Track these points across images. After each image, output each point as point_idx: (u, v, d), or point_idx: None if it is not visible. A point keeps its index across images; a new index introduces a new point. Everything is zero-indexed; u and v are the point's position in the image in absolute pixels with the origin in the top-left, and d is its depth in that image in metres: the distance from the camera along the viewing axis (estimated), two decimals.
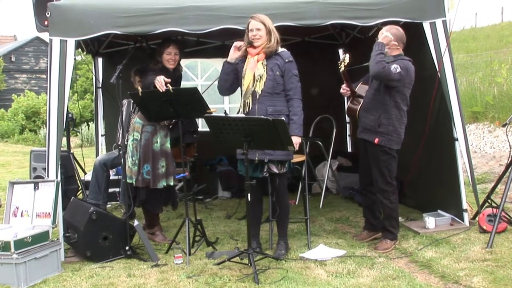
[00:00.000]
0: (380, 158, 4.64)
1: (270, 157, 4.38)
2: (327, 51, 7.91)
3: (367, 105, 4.70)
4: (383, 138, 4.60)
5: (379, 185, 4.68)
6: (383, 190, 4.69)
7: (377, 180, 4.68)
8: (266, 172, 4.45)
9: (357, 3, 4.83)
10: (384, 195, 4.69)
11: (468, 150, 5.06)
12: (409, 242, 4.81)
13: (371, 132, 4.65)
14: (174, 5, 4.74)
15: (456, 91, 4.99)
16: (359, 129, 4.79)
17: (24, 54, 26.43)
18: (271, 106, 4.41)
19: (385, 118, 4.60)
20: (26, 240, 4.18)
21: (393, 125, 4.60)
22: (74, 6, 4.74)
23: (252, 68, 4.41)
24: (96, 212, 4.65)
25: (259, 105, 4.41)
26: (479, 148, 9.48)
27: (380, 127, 4.60)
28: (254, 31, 4.38)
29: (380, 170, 4.65)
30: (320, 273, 4.13)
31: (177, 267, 4.38)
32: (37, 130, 18.99)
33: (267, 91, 4.41)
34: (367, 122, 4.67)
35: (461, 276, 3.90)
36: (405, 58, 4.64)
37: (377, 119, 4.60)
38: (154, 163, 4.97)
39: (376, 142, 4.60)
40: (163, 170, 5.01)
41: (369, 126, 4.65)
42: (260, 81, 4.39)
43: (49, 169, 4.65)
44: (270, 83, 4.41)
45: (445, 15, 4.90)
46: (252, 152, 4.31)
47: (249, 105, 4.45)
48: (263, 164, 4.42)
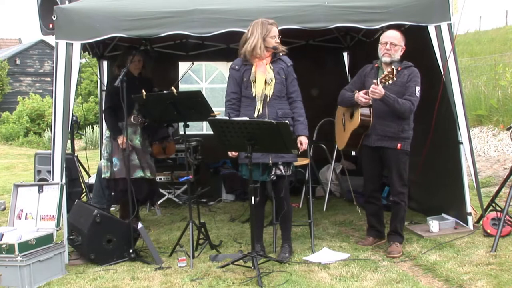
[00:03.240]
0: (401, 161, 4.66)
1: (283, 159, 4.43)
2: (331, 54, 7.91)
3: (382, 113, 4.60)
4: (404, 143, 4.65)
5: (397, 188, 4.68)
6: (400, 192, 4.69)
7: (395, 183, 4.69)
8: (274, 175, 4.46)
9: (362, 6, 4.83)
10: (400, 198, 4.70)
11: (473, 154, 5.04)
12: (413, 245, 4.80)
13: (392, 139, 4.63)
14: (179, 8, 4.75)
15: (461, 94, 4.98)
16: (374, 138, 4.68)
17: (28, 57, 26.52)
18: (280, 109, 4.47)
19: (407, 124, 4.65)
20: (31, 243, 4.19)
21: (411, 129, 4.70)
22: (80, 9, 4.76)
23: (264, 72, 4.42)
24: (100, 215, 4.65)
25: (269, 108, 4.44)
26: (483, 152, 9.46)
27: (402, 133, 4.64)
28: (276, 37, 4.44)
29: (400, 173, 4.67)
30: (324, 276, 4.12)
31: (181, 270, 4.38)
32: (42, 133, 19.03)
33: (276, 95, 4.45)
34: (388, 129, 4.63)
35: (465, 280, 3.89)
36: (410, 64, 4.67)
37: (400, 126, 4.62)
38: (123, 156, 5.24)
39: (399, 148, 4.62)
40: (137, 162, 5.49)
41: (390, 133, 4.63)
42: (270, 84, 4.42)
43: (54, 172, 4.66)
44: (279, 87, 4.46)
45: (450, 19, 4.89)
46: (265, 156, 4.34)
47: (259, 109, 4.45)
48: (269, 167, 4.43)
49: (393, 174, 4.69)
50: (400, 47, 4.63)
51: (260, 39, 4.37)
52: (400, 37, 4.64)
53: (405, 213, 4.79)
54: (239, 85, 4.49)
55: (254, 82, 4.43)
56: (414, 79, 4.61)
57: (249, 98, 4.47)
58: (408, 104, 4.54)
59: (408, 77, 4.61)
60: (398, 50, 4.63)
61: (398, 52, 4.63)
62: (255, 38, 4.37)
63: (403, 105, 4.53)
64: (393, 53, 4.61)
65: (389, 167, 4.71)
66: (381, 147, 4.68)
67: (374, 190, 4.91)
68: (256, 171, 4.40)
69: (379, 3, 4.85)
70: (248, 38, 4.40)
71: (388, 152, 4.66)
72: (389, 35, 4.65)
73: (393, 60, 4.62)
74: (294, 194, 6.00)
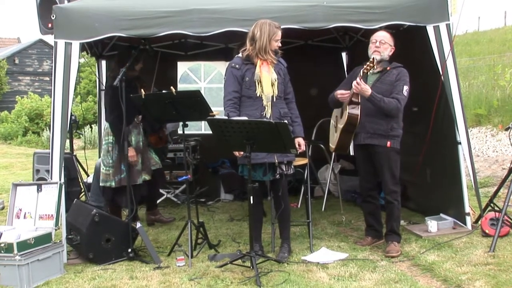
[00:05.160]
0: (392, 159, 4.68)
1: (287, 158, 4.45)
2: (330, 54, 7.91)
3: (371, 111, 4.63)
4: (394, 141, 4.67)
5: (390, 186, 4.70)
6: (393, 191, 4.71)
7: (387, 182, 4.71)
8: (278, 174, 4.48)
9: (361, 6, 4.84)
10: (393, 196, 4.71)
11: (471, 154, 5.05)
12: (411, 245, 4.80)
13: (382, 136, 4.65)
14: (178, 7, 4.75)
15: (459, 95, 4.98)
16: (363, 135, 4.71)
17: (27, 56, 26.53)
18: (282, 108, 4.51)
19: (396, 123, 4.68)
20: (29, 242, 4.19)
21: (401, 128, 4.72)
22: (79, 9, 4.75)
23: (269, 72, 4.43)
24: (99, 214, 4.65)
25: (273, 108, 4.45)
26: (481, 152, 9.47)
27: (392, 131, 4.66)
28: (279, 41, 4.45)
29: (392, 171, 4.68)
30: (322, 276, 4.13)
31: (179, 270, 4.38)
32: (40, 132, 19.00)
33: (279, 95, 4.49)
34: (377, 127, 4.66)
35: (463, 280, 3.90)
36: (399, 64, 4.72)
37: (389, 124, 4.64)
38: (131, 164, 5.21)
39: (388, 146, 4.64)
40: (141, 166, 5.47)
41: (380, 131, 4.65)
42: (275, 84, 4.44)
43: (53, 171, 4.66)
44: (280, 87, 4.49)
45: (449, 19, 4.90)
46: (270, 155, 4.37)
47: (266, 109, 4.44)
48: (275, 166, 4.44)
49: (385, 173, 4.70)
50: (389, 46, 4.69)
51: (267, 40, 4.37)
52: (389, 36, 4.72)
53: (399, 211, 4.79)
54: (240, 85, 4.48)
55: (260, 82, 4.41)
56: (403, 78, 4.65)
57: (251, 98, 4.45)
58: (394, 102, 4.57)
59: (397, 76, 4.67)
60: (387, 48, 4.68)
61: (387, 51, 4.68)
62: (264, 39, 4.35)
63: (389, 104, 4.56)
64: (382, 51, 4.66)
65: (380, 166, 4.72)
66: (371, 144, 4.70)
67: (370, 189, 4.92)
68: (259, 171, 4.41)
69: (378, 3, 4.86)
70: (257, 38, 4.37)
71: (379, 150, 4.68)
72: (378, 34, 4.75)
73: (383, 58, 4.67)
74: (292, 194, 6.01)
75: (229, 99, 4.48)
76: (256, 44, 4.38)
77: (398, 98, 4.58)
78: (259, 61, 4.42)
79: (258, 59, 4.42)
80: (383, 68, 4.71)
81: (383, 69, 4.71)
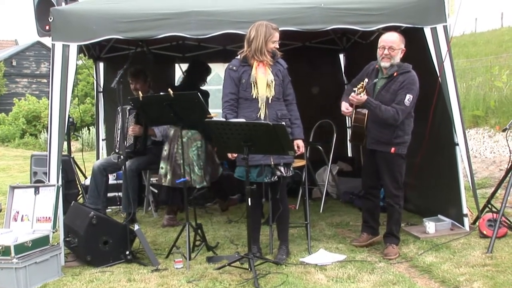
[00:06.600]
0: (395, 164, 4.64)
1: (284, 160, 4.43)
2: (328, 56, 7.92)
3: (376, 118, 4.57)
4: (399, 147, 4.62)
5: (391, 190, 4.68)
6: (395, 195, 4.69)
7: (388, 186, 4.69)
8: (276, 176, 4.47)
9: (358, 8, 4.84)
10: (395, 200, 4.70)
11: (469, 155, 5.06)
12: (409, 247, 4.81)
13: (386, 144, 4.62)
14: (176, 10, 4.75)
15: (457, 96, 4.99)
16: (369, 140, 4.70)
17: (25, 58, 26.46)
18: (279, 110, 4.49)
19: (401, 130, 4.61)
20: (27, 245, 4.18)
21: (408, 134, 4.66)
22: (76, 11, 4.76)
23: (264, 73, 4.42)
24: (97, 217, 4.64)
25: (269, 110, 4.44)
26: (479, 153, 9.48)
27: (396, 139, 4.61)
28: (276, 43, 4.45)
29: (394, 176, 4.66)
30: (320, 278, 4.13)
31: (177, 272, 4.38)
32: (38, 135, 18.96)
33: (276, 96, 4.46)
34: (381, 135, 4.61)
35: (461, 281, 3.90)
36: (407, 69, 4.60)
37: (393, 133, 4.60)
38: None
39: (392, 152, 4.61)
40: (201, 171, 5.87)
41: (384, 139, 4.61)
42: (271, 86, 4.43)
43: (50, 174, 4.65)
44: (278, 88, 4.47)
45: (446, 20, 4.91)
46: (266, 157, 4.35)
47: (261, 111, 4.43)
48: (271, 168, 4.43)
49: (386, 176, 4.68)
50: (399, 50, 4.57)
51: (263, 41, 4.36)
52: (399, 40, 4.58)
53: (400, 216, 4.77)
54: (237, 86, 4.48)
55: (255, 83, 4.41)
56: (407, 87, 4.52)
57: (248, 99, 4.45)
58: (391, 112, 4.48)
59: (401, 84, 4.54)
60: (397, 53, 4.57)
61: (397, 56, 4.57)
62: (260, 40, 4.35)
63: (385, 112, 4.48)
64: (392, 57, 4.55)
65: (382, 170, 4.70)
66: (375, 150, 4.70)
67: (372, 187, 4.91)
68: (253, 172, 4.40)
69: (375, 5, 4.86)
70: (253, 39, 4.36)
71: (382, 156, 4.66)
72: (387, 40, 4.57)
73: (393, 64, 4.58)
74: (290, 196, 5.99)
75: (227, 101, 4.49)
76: (252, 46, 4.39)
77: (397, 108, 4.49)
78: (256, 63, 4.42)
79: (254, 61, 4.42)
80: (391, 74, 4.60)
81: (390, 75, 4.60)
